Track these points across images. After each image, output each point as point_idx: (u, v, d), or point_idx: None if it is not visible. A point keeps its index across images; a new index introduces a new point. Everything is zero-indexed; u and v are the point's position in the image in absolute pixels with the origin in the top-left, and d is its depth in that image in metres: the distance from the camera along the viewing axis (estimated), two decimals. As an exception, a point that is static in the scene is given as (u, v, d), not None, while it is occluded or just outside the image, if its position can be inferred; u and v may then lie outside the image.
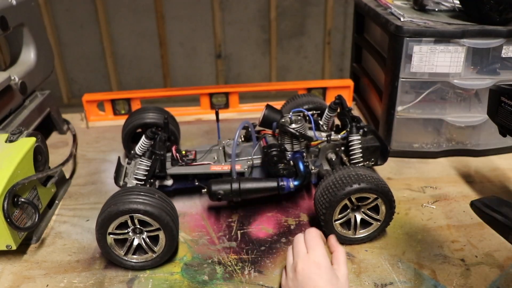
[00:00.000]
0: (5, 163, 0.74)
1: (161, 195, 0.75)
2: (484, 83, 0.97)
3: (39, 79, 1.15)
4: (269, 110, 0.91)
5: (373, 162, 0.91)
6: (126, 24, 2.63)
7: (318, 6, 2.65)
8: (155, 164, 0.84)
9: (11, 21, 1.01)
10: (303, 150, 0.88)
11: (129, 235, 0.73)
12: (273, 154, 0.83)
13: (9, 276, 0.75)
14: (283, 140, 0.87)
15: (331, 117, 0.96)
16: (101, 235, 0.72)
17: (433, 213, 0.87)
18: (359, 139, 0.87)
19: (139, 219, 0.71)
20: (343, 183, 0.74)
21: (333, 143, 0.90)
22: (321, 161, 0.90)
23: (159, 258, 0.74)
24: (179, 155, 0.88)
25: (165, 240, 0.73)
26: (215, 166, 0.87)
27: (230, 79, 2.82)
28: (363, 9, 1.18)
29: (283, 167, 0.83)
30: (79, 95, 1.63)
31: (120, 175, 0.87)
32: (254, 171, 0.88)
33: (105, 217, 0.70)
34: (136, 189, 0.74)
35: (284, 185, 0.82)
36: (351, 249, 0.78)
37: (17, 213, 0.73)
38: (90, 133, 1.23)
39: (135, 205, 0.70)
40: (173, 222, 0.73)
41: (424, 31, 0.92)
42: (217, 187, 0.82)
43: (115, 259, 0.74)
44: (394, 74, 0.98)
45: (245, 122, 0.87)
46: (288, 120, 0.86)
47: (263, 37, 2.72)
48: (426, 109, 1.02)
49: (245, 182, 0.82)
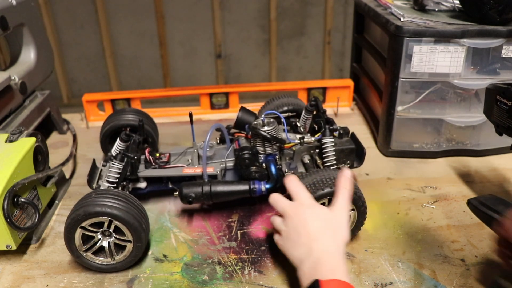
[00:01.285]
0: (5, 163, 0.74)
1: (129, 197, 0.75)
2: (484, 83, 0.97)
3: (39, 79, 1.15)
4: (243, 112, 0.90)
5: (348, 165, 0.90)
6: (126, 24, 2.63)
7: (318, 6, 2.65)
8: (127, 167, 0.84)
9: (11, 21, 1.01)
10: (276, 152, 0.87)
11: (98, 236, 0.73)
12: (245, 157, 0.82)
13: (9, 276, 0.75)
14: (256, 142, 0.86)
15: (307, 119, 0.94)
16: (70, 231, 0.71)
17: (433, 213, 0.87)
18: (332, 142, 0.86)
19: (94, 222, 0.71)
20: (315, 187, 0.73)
21: (307, 146, 0.89)
22: (296, 163, 0.90)
23: (119, 265, 0.74)
24: (153, 158, 0.88)
25: (132, 249, 0.73)
26: (187, 168, 0.87)
27: (230, 79, 2.82)
28: (363, 9, 1.18)
29: (255, 170, 0.83)
30: (79, 95, 1.63)
31: (94, 177, 0.86)
32: (227, 173, 0.88)
33: (72, 219, 0.70)
34: (105, 192, 0.74)
35: (255, 188, 0.81)
36: (351, 249, 0.78)
37: (17, 213, 0.73)
38: (90, 133, 1.23)
39: (100, 208, 0.70)
40: (141, 226, 0.72)
41: (424, 31, 0.92)
42: (188, 190, 0.81)
43: (73, 252, 0.73)
44: (394, 74, 0.98)
45: (217, 125, 0.86)
46: (261, 123, 0.85)
47: (263, 37, 2.72)
48: (426, 109, 1.02)
49: (216, 185, 0.82)
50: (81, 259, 0.74)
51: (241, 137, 0.91)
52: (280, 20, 2.68)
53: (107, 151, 1.00)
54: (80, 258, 0.74)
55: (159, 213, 0.89)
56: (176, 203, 0.91)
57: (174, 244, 0.81)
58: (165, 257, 0.78)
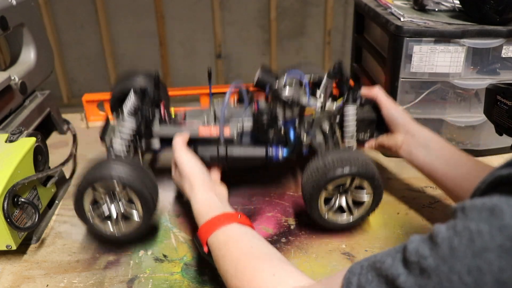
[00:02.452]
0: (5, 163, 0.74)
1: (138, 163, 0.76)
2: (484, 83, 0.97)
3: (39, 79, 1.15)
4: (263, 72, 0.85)
5: (368, 135, 0.87)
6: (126, 24, 2.63)
7: (318, 6, 2.65)
8: (141, 123, 0.80)
9: (11, 21, 1.01)
10: (296, 118, 0.82)
11: (106, 205, 0.75)
12: (263, 120, 0.78)
13: (9, 276, 0.75)
14: (275, 106, 0.81)
15: (329, 85, 0.88)
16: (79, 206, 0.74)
17: (433, 214, 0.87)
18: (354, 110, 0.83)
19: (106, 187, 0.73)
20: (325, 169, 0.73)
21: (327, 113, 0.85)
22: (315, 131, 0.86)
23: (122, 237, 0.76)
24: (167, 114, 0.84)
25: (139, 224, 0.75)
26: (204, 127, 0.82)
27: (230, 79, 2.82)
28: (363, 9, 1.18)
29: (274, 134, 0.80)
30: (79, 95, 1.62)
31: (106, 132, 0.85)
32: (244, 138, 0.83)
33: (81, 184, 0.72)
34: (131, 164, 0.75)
35: (272, 154, 0.79)
36: (351, 249, 0.78)
37: (17, 213, 0.73)
38: (90, 133, 1.23)
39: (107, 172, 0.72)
40: (152, 203, 0.75)
41: (424, 31, 0.92)
42: (203, 151, 0.79)
43: (100, 232, 0.76)
44: (394, 74, 0.98)
45: (236, 84, 0.82)
46: (282, 86, 0.81)
47: (263, 37, 2.72)
48: (426, 109, 1.02)
49: (233, 148, 0.80)
50: (86, 220, 0.75)
51: (260, 99, 0.87)
52: (280, 20, 2.68)
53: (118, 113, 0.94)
54: (85, 219, 0.75)
55: (159, 213, 0.89)
56: (176, 203, 0.91)
57: (174, 244, 0.81)
58: (165, 257, 0.78)
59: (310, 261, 0.76)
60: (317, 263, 0.76)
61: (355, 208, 0.78)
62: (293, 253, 0.78)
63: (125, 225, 0.76)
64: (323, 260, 0.76)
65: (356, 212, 0.78)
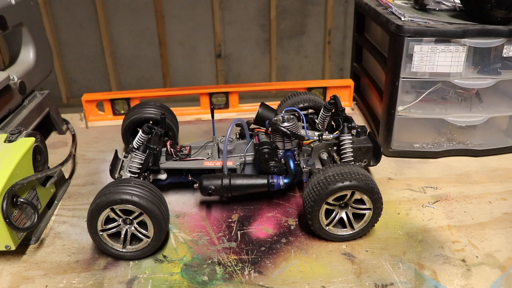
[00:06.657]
0: (4, 163, 0.74)
1: (149, 186, 0.77)
2: (485, 82, 0.97)
3: (38, 79, 1.15)
4: (263, 108, 0.92)
5: (365, 163, 0.91)
6: (126, 24, 2.63)
7: (318, 6, 2.65)
8: (149, 158, 0.86)
9: (10, 20, 1.00)
10: (295, 148, 0.88)
11: (120, 227, 0.75)
12: (264, 151, 0.84)
13: (8, 276, 0.74)
14: (275, 138, 0.88)
15: (326, 116, 0.96)
16: (93, 229, 0.74)
17: (433, 214, 0.87)
18: (350, 139, 0.88)
19: (124, 209, 0.73)
20: (326, 182, 0.75)
21: (325, 143, 0.90)
22: (314, 160, 0.91)
23: (128, 255, 0.76)
24: (174, 150, 0.90)
25: (147, 245, 0.76)
26: (208, 161, 0.89)
27: (230, 79, 2.82)
28: (363, 8, 1.17)
29: (274, 164, 0.85)
30: (79, 95, 1.62)
31: (115, 168, 0.89)
32: (246, 168, 0.90)
33: (96, 206, 0.73)
34: (127, 180, 0.76)
35: (274, 182, 0.83)
36: (351, 250, 0.78)
37: (16, 214, 0.73)
38: (90, 133, 1.22)
39: (120, 195, 0.72)
40: (156, 207, 0.74)
41: (424, 30, 0.92)
42: (208, 182, 0.83)
43: (112, 253, 0.76)
44: (395, 73, 0.97)
45: (237, 120, 0.88)
46: (281, 119, 0.87)
47: (263, 37, 2.72)
48: (427, 109, 1.02)
49: (236, 178, 0.84)
50: (96, 237, 0.75)
51: (261, 132, 0.92)
52: (280, 20, 2.67)
53: (129, 143, 1.02)
54: (95, 235, 0.75)
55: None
56: (175, 204, 0.91)
57: (173, 245, 0.80)
58: (165, 257, 0.78)
59: (310, 261, 0.76)
60: (318, 264, 0.75)
61: (356, 222, 0.79)
62: (293, 254, 0.78)
63: (134, 245, 0.77)
64: (323, 260, 0.76)
65: (356, 226, 0.79)
